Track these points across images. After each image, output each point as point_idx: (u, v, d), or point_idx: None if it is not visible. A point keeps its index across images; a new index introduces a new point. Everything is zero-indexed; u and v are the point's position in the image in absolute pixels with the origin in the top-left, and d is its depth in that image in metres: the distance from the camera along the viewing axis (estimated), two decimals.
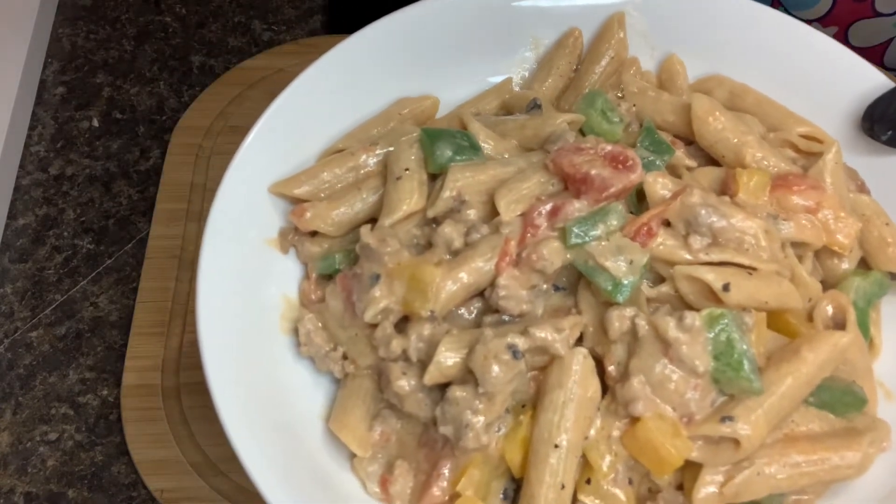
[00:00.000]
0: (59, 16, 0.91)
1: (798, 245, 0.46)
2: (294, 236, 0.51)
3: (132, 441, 0.64)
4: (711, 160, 0.51)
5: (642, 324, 0.41)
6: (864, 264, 0.49)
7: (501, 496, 0.43)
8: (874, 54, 0.90)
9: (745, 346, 0.40)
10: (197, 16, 0.92)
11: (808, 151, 0.50)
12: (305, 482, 0.43)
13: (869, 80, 0.51)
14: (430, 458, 0.44)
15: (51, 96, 0.85)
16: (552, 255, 0.43)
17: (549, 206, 0.45)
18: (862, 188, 0.51)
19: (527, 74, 0.58)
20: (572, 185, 0.46)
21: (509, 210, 0.45)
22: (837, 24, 0.88)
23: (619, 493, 0.42)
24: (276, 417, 0.45)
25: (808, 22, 0.88)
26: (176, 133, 0.80)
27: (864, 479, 0.43)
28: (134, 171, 0.81)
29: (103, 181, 0.80)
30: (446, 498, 0.42)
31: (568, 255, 0.44)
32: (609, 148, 0.46)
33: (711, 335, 0.40)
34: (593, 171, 0.45)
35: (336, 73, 0.53)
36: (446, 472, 0.43)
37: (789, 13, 0.88)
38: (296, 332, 0.49)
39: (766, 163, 0.49)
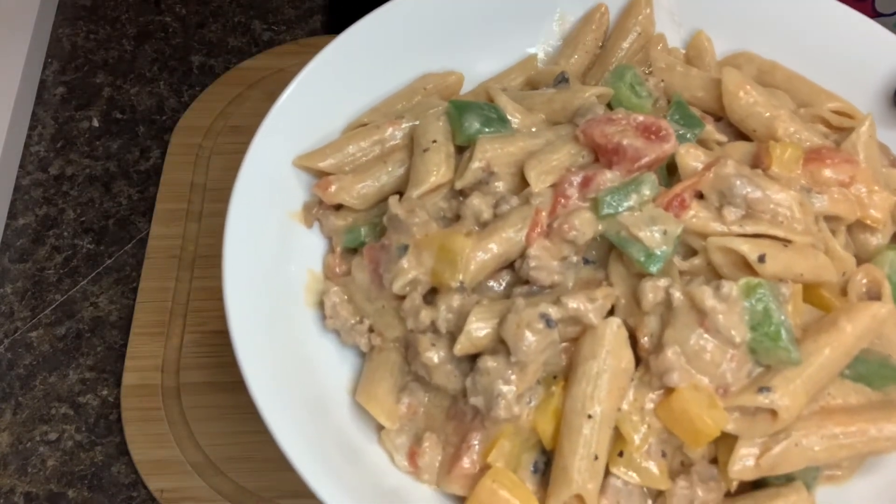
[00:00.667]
0: (59, 16, 0.91)
1: (831, 219, 0.45)
2: (318, 210, 0.50)
3: (132, 441, 0.64)
4: (741, 136, 0.50)
5: (677, 294, 0.40)
6: None
7: (532, 469, 0.42)
8: None
9: (782, 317, 0.39)
10: (197, 16, 0.92)
11: (840, 127, 0.50)
12: (333, 454, 0.42)
13: (890, 43, 0.50)
14: (459, 431, 0.43)
15: (51, 96, 0.85)
16: (584, 225, 0.42)
17: (580, 177, 0.44)
18: (894, 163, 0.50)
19: (551, 51, 0.58)
20: (604, 155, 0.45)
21: (540, 181, 0.44)
22: None
23: (652, 466, 0.40)
24: (302, 390, 0.44)
25: None
26: (176, 133, 0.80)
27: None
28: (134, 171, 0.81)
29: (103, 181, 0.80)
30: (477, 469, 0.41)
31: (599, 226, 0.43)
32: (641, 118, 0.45)
33: (748, 305, 0.39)
34: (625, 142, 0.44)
35: (360, 48, 0.52)
36: (476, 443, 0.42)
37: None
38: (321, 305, 0.48)
39: (798, 137, 0.48)
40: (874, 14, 0.86)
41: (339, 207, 0.50)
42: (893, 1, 0.85)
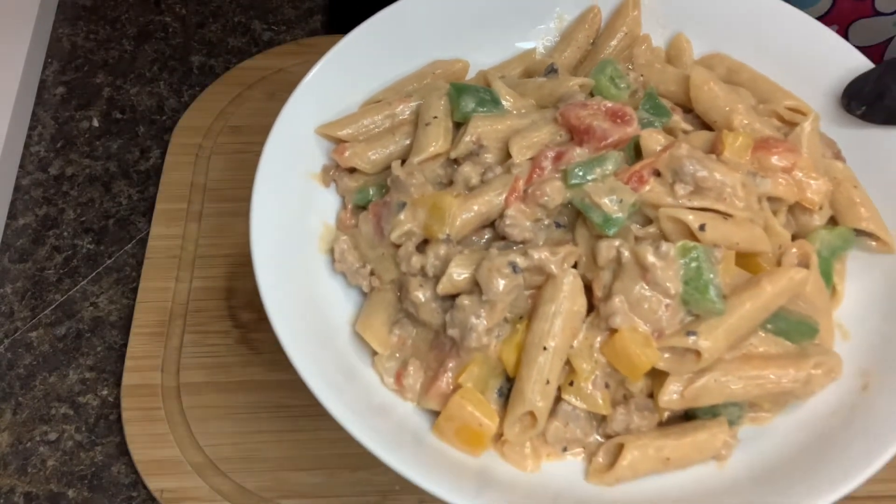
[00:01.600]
0: (59, 16, 0.91)
1: (774, 200, 0.52)
2: (335, 172, 0.58)
3: (132, 441, 0.64)
4: (705, 126, 0.57)
5: (625, 252, 0.48)
6: (834, 222, 0.55)
7: (496, 392, 0.50)
8: (874, 53, 0.90)
9: (711, 275, 0.47)
10: (197, 16, 0.92)
11: (792, 122, 0.57)
12: (335, 373, 0.50)
13: (851, 61, 0.58)
14: (438, 358, 0.51)
15: (51, 96, 0.85)
16: (554, 192, 0.50)
17: (554, 152, 0.52)
18: (838, 156, 0.57)
19: (549, 45, 0.65)
20: (576, 135, 0.53)
21: (520, 154, 0.52)
22: (837, 22, 0.88)
23: (598, 395, 0.49)
24: (313, 320, 0.52)
25: None
26: (176, 133, 0.80)
27: (816, 400, 0.50)
28: (134, 171, 0.81)
29: (103, 181, 0.80)
30: (450, 390, 0.50)
31: (567, 194, 0.50)
32: (610, 105, 0.53)
33: (683, 263, 0.47)
34: (595, 123, 0.52)
35: (379, 35, 0.60)
36: (451, 368, 0.50)
37: None
38: (332, 251, 0.56)
39: (751, 128, 0.55)
40: (874, 13, 0.86)
41: (352, 171, 0.58)
42: (893, 1, 0.85)
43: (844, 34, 0.88)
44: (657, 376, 0.49)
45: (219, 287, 0.71)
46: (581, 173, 0.50)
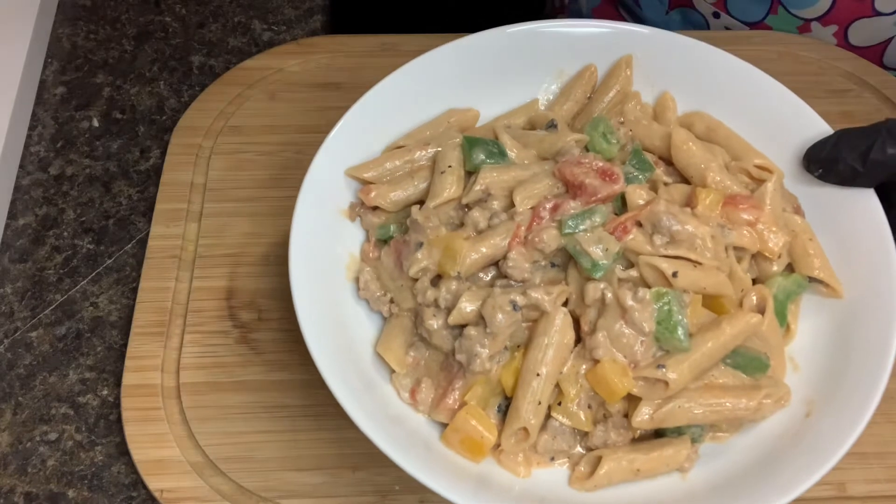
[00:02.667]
0: (59, 16, 0.92)
1: (739, 249, 0.60)
2: (361, 209, 0.66)
3: (132, 441, 0.64)
4: (684, 179, 0.65)
5: (609, 294, 0.56)
6: (791, 269, 0.63)
7: (496, 410, 0.59)
8: (874, 54, 0.90)
9: (680, 317, 0.56)
10: (197, 16, 0.92)
11: (760, 178, 0.64)
12: (358, 387, 0.57)
13: (815, 126, 0.65)
14: (447, 378, 0.59)
15: (51, 96, 0.85)
16: (550, 239, 0.58)
17: (552, 203, 0.60)
18: (797, 210, 0.64)
19: (551, 97, 0.72)
20: (571, 189, 0.60)
21: (523, 203, 0.60)
22: (837, 22, 0.88)
23: (581, 414, 0.58)
24: (339, 341, 0.60)
25: (808, 21, 0.88)
26: (176, 133, 0.80)
27: (767, 423, 0.59)
28: (134, 171, 0.81)
29: (103, 181, 0.80)
30: (457, 406, 0.58)
31: (562, 241, 0.58)
32: (601, 164, 0.61)
33: (657, 306, 0.56)
34: (587, 180, 0.59)
35: (402, 85, 0.68)
36: (458, 387, 0.59)
37: (789, 12, 0.89)
38: (356, 280, 0.64)
39: (722, 185, 0.62)
40: (874, 13, 0.86)
41: (375, 208, 0.65)
42: (893, 1, 0.85)
43: (844, 34, 0.88)
44: (632, 400, 0.57)
45: (219, 287, 0.71)
46: (573, 224, 0.58)
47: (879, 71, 0.85)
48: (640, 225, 0.58)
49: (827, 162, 0.62)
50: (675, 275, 0.56)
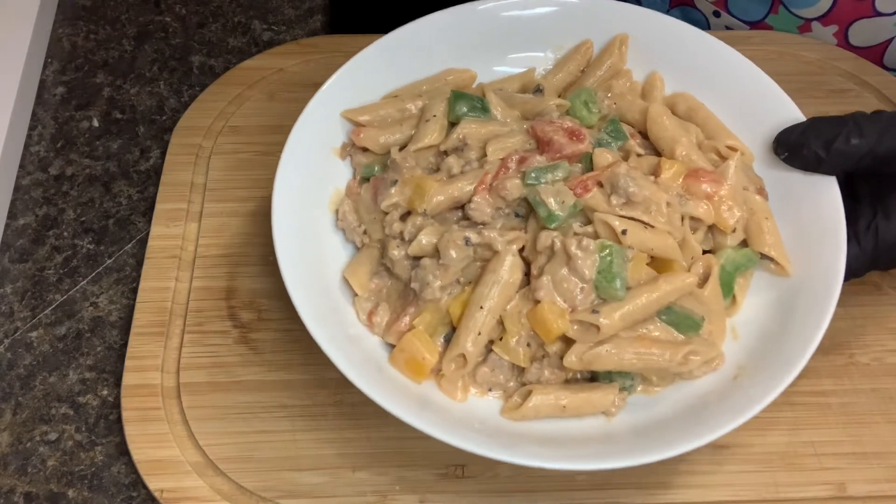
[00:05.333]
0: (59, 16, 0.92)
1: (696, 220, 0.63)
2: (351, 149, 0.70)
3: (132, 441, 0.64)
4: (658, 153, 0.68)
5: (558, 242, 0.60)
6: (746, 245, 0.65)
7: (442, 338, 0.63)
8: (874, 54, 0.90)
9: (619, 269, 0.59)
10: (197, 16, 0.92)
11: (728, 158, 0.66)
12: (323, 308, 0.62)
13: (790, 113, 0.67)
14: (402, 304, 0.64)
15: (51, 96, 0.85)
16: (513, 188, 0.62)
17: (519, 156, 0.64)
18: (760, 191, 0.66)
19: (548, 67, 0.76)
20: (541, 145, 0.65)
21: (494, 154, 0.65)
22: (837, 22, 0.88)
23: (520, 351, 0.61)
24: (311, 262, 0.64)
25: (809, 21, 0.88)
26: (176, 133, 0.80)
27: (698, 382, 0.61)
28: (134, 171, 0.81)
29: (103, 181, 0.80)
30: (406, 329, 0.62)
31: (524, 191, 0.62)
32: (570, 124, 0.65)
33: (599, 256, 0.59)
34: (555, 137, 0.64)
35: (407, 41, 0.72)
36: (410, 313, 0.63)
37: (790, 12, 0.89)
38: (337, 212, 0.68)
39: (689, 158, 0.65)
40: (874, 13, 0.86)
41: (364, 150, 0.70)
42: (894, 1, 0.85)
43: (845, 34, 0.88)
44: (569, 344, 0.60)
45: (219, 287, 0.71)
46: (536, 176, 0.62)
47: (879, 71, 0.85)
48: (601, 186, 0.62)
49: (793, 146, 0.64)
50: (624, 232, 0.59)
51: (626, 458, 0.55)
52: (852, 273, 0.62)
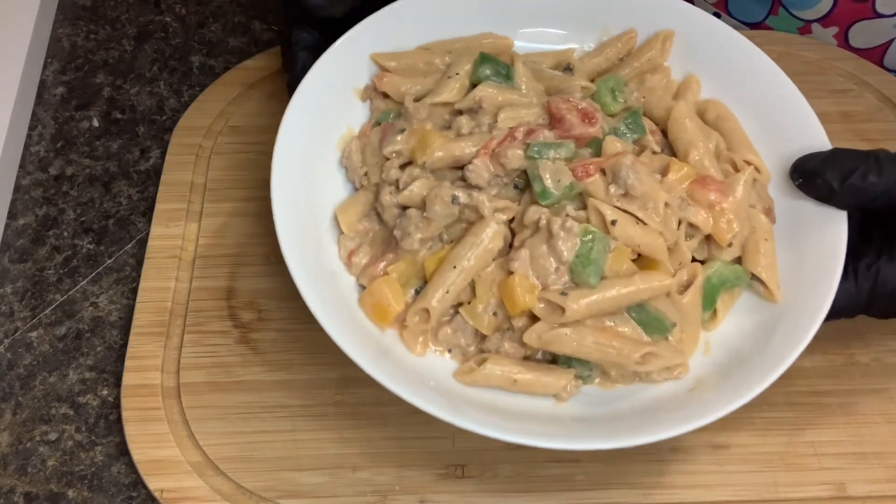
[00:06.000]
0: (59, 16, 0.92)
1: (694, 228, 0.62)
2: (372, 92, 0.70)
3: (132, 441, 0.64)
4: (674, 153, 0.67)
5: (544, 219, 0.59)
6: (741, 262, 0.64)
7: (413, 291, 0.63)
8: (874, 55, 0.90)
9: (598, 257, 0.58)
10: (197, 16, 0.92)
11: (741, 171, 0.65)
12: (305, 238, 0.62)
13: (818, 140, 0.65)
14: (383, 251, 0.64)
15: (51, 96, 0.85)
16: (514, 158, 0.62)
17: (528, 128, 0.63)
18: (768, 212, 0.64)
19: (588, 49, 0.75)
20: (553, 121, 0.64)
21: (504, 122, 0.64)
22: (838, 24, 0.88)
23: (485, 318, 0.61)
24: (305, 192, 0.64)
25: (809, 22, 0.88)
26: (176, 133, 0.80)
27: (657, 388, 0.61)
28: (134, 171, 0.81)
29: (103, 181, 0.80)
30: (380, 274, 0.63)
31: (524, 163, 0.61)
32: (584, 105, 0.64)
33: (581, 240, 0.58)
34: (567, 116, 0.63)
35: (445, 2, 0.72)
36: (388, 259, 0.63)
37: (790, 13, 0.89)
38: (344, 150, 0.68)
39: (701, 164, 0.64)
40: (875, 15, 0.86)
41: (385, 96, 0.70)
42: (894, 2, 0.85)
43: (845, 36, 0.89)
44: (535, 321, 0.59)
45: (219, 287, 0.71)
46: (538, 150, 0.61)
47: (879, 71, 0.85)
48: (603, 173, 0.61)
49: (809, 174, 0.62)
50: (613, 223, 0.59)
51: (560, 441, 0.55)
52: (843, 311, 0.60)
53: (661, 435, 0.55)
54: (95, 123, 0.84)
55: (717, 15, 0.93)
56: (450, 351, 0.62)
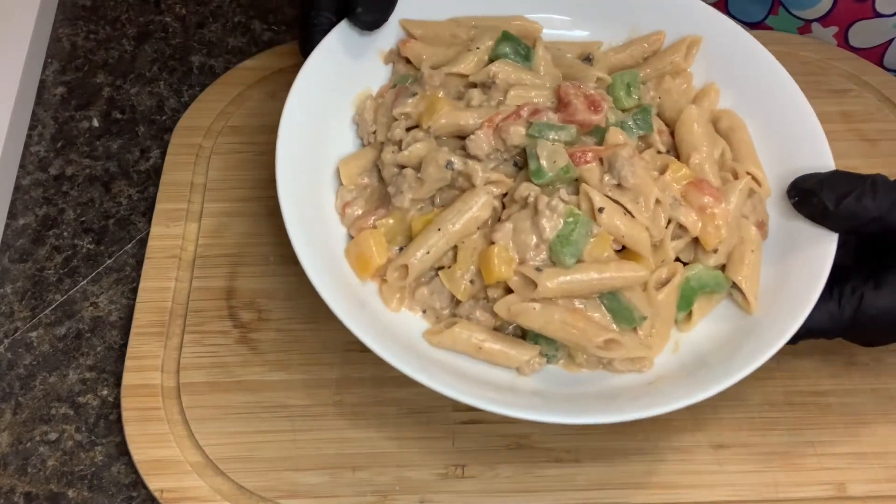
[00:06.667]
0: (59, 16, 0.92)
1: (683, 229, 0.62)
2: (395, 56, 0.72)
3: (132, 441, 0.64)
4: (679, 156, 0.67)
5: (532, 196, 0.61)
6: (724, 270, 0.64)
7: (397, 247, 0.65)
8: (874, 55, 0.90)
9: (578, 240, 0.59)
10: (197, 16, 0.92)
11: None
12: (304, 186, 0.64)
13: (823, 162, 0.66)
14: (376, 206, 0.66)
15: (51, 96, 0.85)
16: (515, 134, 0.63)
17: (534, 108, 0.64)
18: (760, 226, 0.65)
19: (615, 45, 0.75)
20: (560, 105, 0.65)
21: (513, 99, 0.65)
22: (837, 24, 0.88)
23: (462, 284, 0.62)
24: (313, 143, 0.67)
25: (809, 22, 0.88)
26: (176, 133, 0.80)
27: (619, 378, 0.61)
28: (134, 171, 0.81)
29: (103, 181, 0.80)
30: (369, 227, 0.64)
31: (524, 140, 0.63)
32: (592, 93, 0.65)
33: (563, 221, 0.59)
34: (573, 101, 0.64)
35: None
36: (379, 214, 0.65)
37: (790, 13, 0.89)
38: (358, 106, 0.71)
39: (700, 168, 0.65)
40: (874, 15, 0.86)
41: (407, 61, 0.71)
42: (894, 2, 0.85)
43: (844, 35, 0.89)
44: (509, 294, 0.61)
45: (219, 287, 0.71)
46: (539, 129, 0.62)
47: (879, 71, 0.85)
48: (601, 162, 0.62)
49: (805, 193, 0.62)
50: (600, 210, 0.60)
51: (511, 409, 0.56)
52: (823, 331, 0.60)
53: (609, 417, 0.56)
54: (95, 123, 0.84)
55: None
56: (424, 312, 0.64)
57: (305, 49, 0.69)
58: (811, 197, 0.62)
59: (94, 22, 0.91)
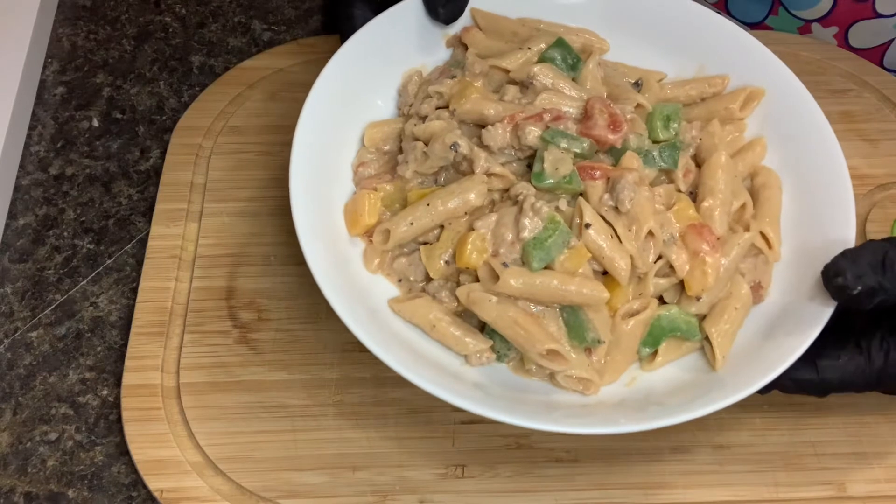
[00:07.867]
0: (59, 16, 0.92)
1: (671, 269, 0.62)
2: (456, 41, 0.74)
3: (132, 441, 0.64)
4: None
5: (523, 196, 0.61)
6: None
7: (389, 214, 0.66)
8: (874, 55, 0.90)
9: (552, 248, 0.59)
10: (197, 16, 0.92)
11: (755, 245, 0.65)
12: (325, 137, 0.67)
13: (842, 235, 0.63)
14: (388, 172, 0.68)
15: (51, 96, 0.85)
16: (530, 135, 0.63)
17: (558, 113, 0.64)
18: (756, 288, 0.63)
19: (677, 78, 0.74)
20: (584, 118, 0.65)
21: (541, 102, 0.65)
22: (838, 24, 0.88)
23: (439, 263, 0.63)
24: (346, 101, 0.69)
25: (809, 22, 0.88)
26: (176, 133, 0.80)
27: (565, 394, 0.61)
28: (134, 171, 0.81)
29: (103, 181, 0.80)
30: (370, 189, 0.66)
31: (537, 142, 0.63)
32: (617, 112, 0.64)
33: (544, 225, 0.60)
34: (596, 116, 0.63)
35: None
36: (385, 180, 0.67)
37: (790, 13, 0.89)
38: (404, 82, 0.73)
39: (709, 213, 0.64)
40: (874, 15, 0.86)
41: (465, 48, 0.73)
42: (894, 2, 0.85)
43: (845, 36, 0.89)
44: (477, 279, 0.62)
45: (219, 287, 0.71)
46: (552, 135, 0.62)
47: (879, 71, 0.85)
48: (607, 181, 0.62)
49: (837, 289, 0.58)
50: (587, 226, 0.60)
51: (448, 394, 0.56)
52: (854, 385, 0.60)
53: (533, 423, 0.56)
54: (95, 123, 0.84)
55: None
56: (399, 281, 0.65)
57: (342, 26, 0.71)
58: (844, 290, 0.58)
59: (94, 22, 0.91)
